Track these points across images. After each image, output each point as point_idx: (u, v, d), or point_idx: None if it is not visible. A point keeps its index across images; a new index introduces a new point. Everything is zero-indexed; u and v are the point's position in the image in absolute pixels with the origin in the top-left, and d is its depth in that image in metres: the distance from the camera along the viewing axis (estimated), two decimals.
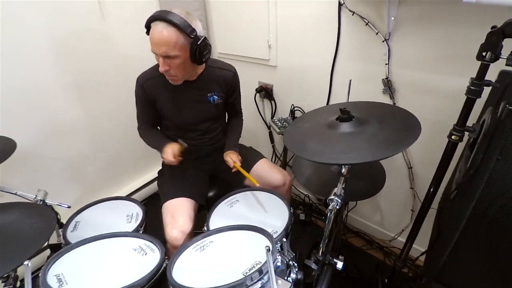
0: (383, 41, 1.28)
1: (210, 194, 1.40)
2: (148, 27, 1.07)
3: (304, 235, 1.82)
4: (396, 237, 1.64)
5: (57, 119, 1.58)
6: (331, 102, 1.61)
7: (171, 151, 1.20)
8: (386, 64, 1.31)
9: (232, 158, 1.30)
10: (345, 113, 0.72)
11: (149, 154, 1.35)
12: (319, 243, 1.63)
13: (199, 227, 1.18)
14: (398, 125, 0.69)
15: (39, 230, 0.89)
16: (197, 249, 0.87)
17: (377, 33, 1.29)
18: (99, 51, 1.66)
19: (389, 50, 1.29)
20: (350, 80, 1.01)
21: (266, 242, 0.87)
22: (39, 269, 0.92)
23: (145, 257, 0.85)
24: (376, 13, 1.28)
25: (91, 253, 0.88)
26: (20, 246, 0.81)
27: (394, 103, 1.36)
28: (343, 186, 0.84)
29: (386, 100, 1.39)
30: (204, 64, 1.27)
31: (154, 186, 2.12)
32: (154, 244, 0.90)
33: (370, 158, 0.58)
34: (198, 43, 1.07)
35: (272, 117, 1.92)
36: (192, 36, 1.06)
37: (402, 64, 1.29)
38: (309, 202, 1.96)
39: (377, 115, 0.73)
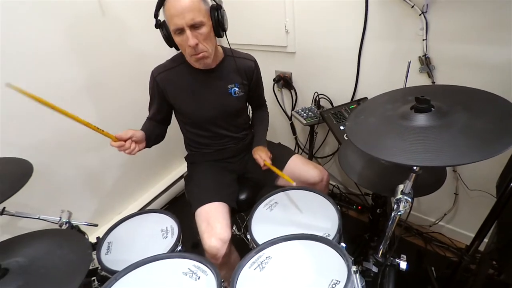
0: (419, 15, 1.16)
1: (241, 197, 1.31)
2: (160, 7, 0.99)
3: None
4: (437, 222, 1.56)
5: (64, 127, 1.44)
6: (359, 87, 1.50)
7: (127, 132, 1.01)
8: (423, 40, 1.19)
9: (261, 156, 1.20)
10: (423, 102, 0.61)
11: (166, 157, 1.24)
12: (358, 237, 1.58)
13: None
14: (491, 113, 0.58)
15: (73, 264, 0.78)
16: (255, 267, 0.77)
17: (412, 6, 1.16)
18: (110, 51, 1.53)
19: (426, 24, 1.17)
20: (409, 62, 0.89)
21: (332, 253, 0.78)
22: None
23: (199, 282, 0.76)
24: None
25: (139, 283, 0.78)
26: (54, 286, 0.72)
27: (433, 82, 1.25)
28: (412, 183, 0.74)
29: (423, 79, 1.28)
30: (222, 52, 1.19)
31: (173, 191, 2.03)
32: (205, 265, 0.80)
33: (480, 157, 0.48)
34: (217, 7, 1.01)
35: (293, 108, 1.80)
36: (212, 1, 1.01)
37: (442, 38, 1.17)
38: (339, 192, 1.88)
39: (459, 102, 0.63)
